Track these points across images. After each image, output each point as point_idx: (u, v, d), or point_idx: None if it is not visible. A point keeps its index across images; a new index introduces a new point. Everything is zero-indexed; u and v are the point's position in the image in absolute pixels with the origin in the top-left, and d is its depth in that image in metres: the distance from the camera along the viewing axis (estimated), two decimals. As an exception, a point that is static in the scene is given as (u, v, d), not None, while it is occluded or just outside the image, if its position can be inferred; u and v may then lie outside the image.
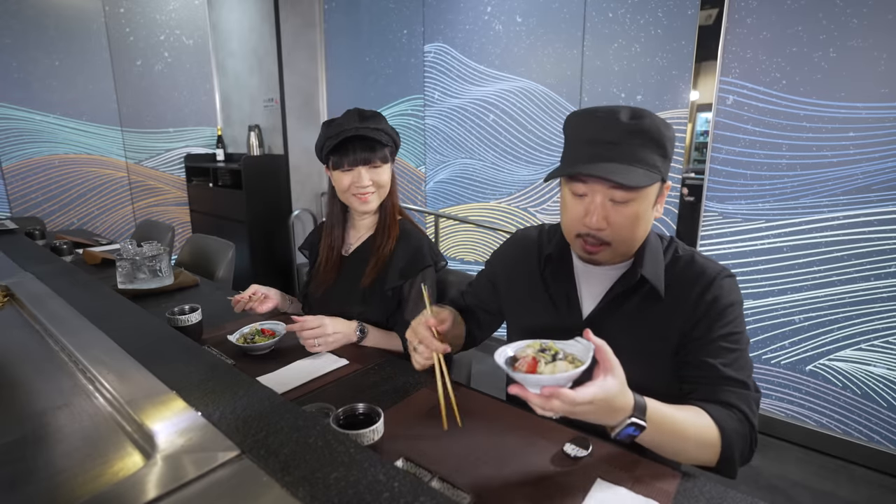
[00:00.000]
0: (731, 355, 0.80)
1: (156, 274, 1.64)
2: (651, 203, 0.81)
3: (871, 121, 1.70)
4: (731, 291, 0.83)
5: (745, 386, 0.78)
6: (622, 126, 0.76)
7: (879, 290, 1.78)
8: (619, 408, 0.65)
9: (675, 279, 0.86)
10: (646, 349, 0.85)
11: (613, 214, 0.80)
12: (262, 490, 0.47)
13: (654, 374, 0.84)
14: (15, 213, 3.11)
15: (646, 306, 0.86)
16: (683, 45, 2.02)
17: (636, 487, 0.70)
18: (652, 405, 0.69)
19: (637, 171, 0.76)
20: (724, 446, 0.73)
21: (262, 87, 3.58)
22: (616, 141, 0.77)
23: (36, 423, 0.67)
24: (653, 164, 0.77)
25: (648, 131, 0.76)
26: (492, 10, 2.59)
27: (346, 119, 1.25)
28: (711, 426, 0.74)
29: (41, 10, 3.07)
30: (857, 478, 1.84)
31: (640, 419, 0.66)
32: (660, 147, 0.77)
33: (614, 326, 0.87)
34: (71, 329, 0.89)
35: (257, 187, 3.44)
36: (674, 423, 0.71)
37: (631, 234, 0.81)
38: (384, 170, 1.27)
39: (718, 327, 0.81)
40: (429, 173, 3.09)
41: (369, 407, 0.75)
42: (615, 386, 0.64)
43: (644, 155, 0.76)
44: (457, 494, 0.68)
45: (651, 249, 0.87)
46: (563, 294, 0.94)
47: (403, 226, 1.33)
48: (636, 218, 0.80)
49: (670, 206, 2.16)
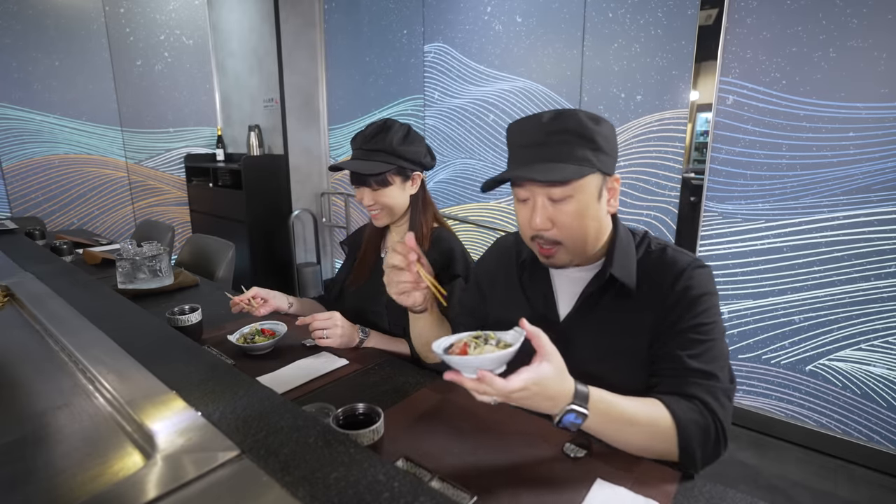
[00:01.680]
0: (700, 346, 0.79)
1: (156, 274, 1.64)
2: (594, 197, 0.81)
3: (871, 121, 1.70)
4: (702, 282, 0.82)
5: (712, 377, 0.77)
6: (544, 127, 0.79)
7: (879, 290, 1.78)
8: (557, 394, 0.66)
9: (648, 273, 0.86)
10: (621, 346, 0.85)
11: (556, 214, 0.80)
12: (262, 490, 0.47)
13: (631, 371, 0.84)
14: (15, 213, 3.11)
15: (619, 304, 0.86)
16: (683, 45, 2.02)
17: (636, 487, 0.70)
18: (597, 394, 0.69)
19: (565, 167, 0.77)
20: (680, 438, 0.72)
21: (262, 87, 3.58)
22: (542, 141, 0.79)
23: (36, 423, 0.67)
24: (582, 157, 0.78)
25: (570, 128, 0.78)
26: (492, 10, 2.59)
27: (361, 135, 1.27)
28: (665, 417, 0.73)
29: (41, 10, 3.07)
30: (856, 478, 1.84)
31: (580, 406, 0.67)
32: (588, 141, 0.78)
33: (590, 326, 0.88)
34: (71, 329, 0.89)
35: (257, 187, 3.44)
36: (622, 412, 0.71)
37: (580, 231, 0.82)
38: (385, 193, 1.25)
39: (688, 318, 0.80)
40: (429, 173, 3.09)
41: (369, 407, 0.75)
42: (549, 371, 0.64)
43: (570, 150, 0.78)
44: (457, 494, 0.68)
45: (621, 246, 0.87)
46: (539, 297, 0.94)
47: (440, 233, 1.33)
48: (579, 214, 0.80)
49: (670, 207, 2.16)
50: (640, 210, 2.25)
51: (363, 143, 1.24)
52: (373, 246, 1.40)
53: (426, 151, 1.29)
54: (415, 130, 1.29)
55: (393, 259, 0.89)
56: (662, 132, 2.13)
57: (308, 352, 1.18)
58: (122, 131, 3.47)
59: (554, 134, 0.78)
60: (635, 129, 2.20)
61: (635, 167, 2.23)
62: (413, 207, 1.31)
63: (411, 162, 1.26)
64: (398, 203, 1.28)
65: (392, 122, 1.26)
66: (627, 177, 2.26)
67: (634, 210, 2.27)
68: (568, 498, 0.68)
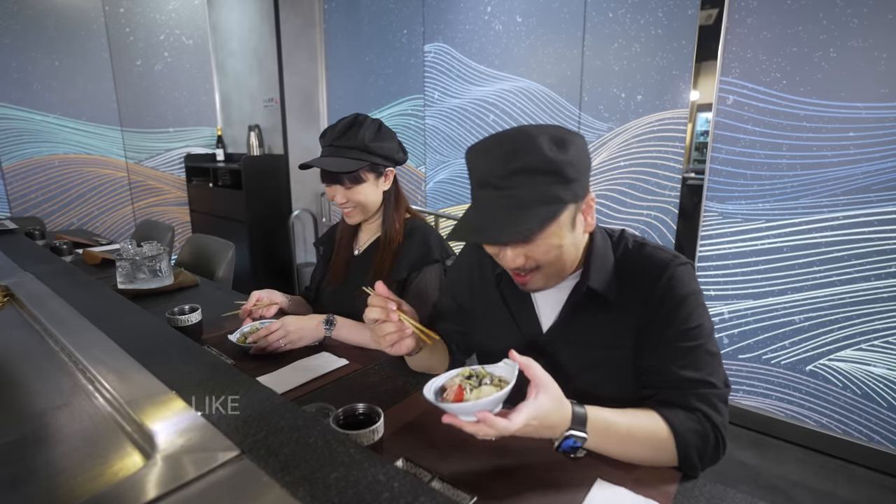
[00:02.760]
0: (689, 355, 0.76)
1: (156, 274, 1.64)
2: (567, 228, 0.75)
3: (871, 121, 1.70)
4: (684, 281, 0.78)
5: (705, 384, 0.75)
6: (501, 168, 0.71)
7: (880, 291, 1.78)
8: (556, 423, 0.66)
9: (626, 276, 0.82)
10: (606, 357, 0.84)
11: (529, 251, 0.75)
12: (262, 490, 0.47)
13: (620, 378, 0.83)
14: (15, 213, 3.11)
15: (600, 314, 0.83)
16: (683, 45, 2.02)
17: (636, 487, 0.70)
18: (594, 414, 0.69)
19: (532, 213, 0.70)
20: (679, 448, 0.72)
21: (262, 87, 3.58)
22: (501, 185, 0.72)
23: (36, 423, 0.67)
24: (551, 196, 0.71)
25: (530, 167, 0.70)
26: (492, 10, 2.59)
27: (331, 131, 1.24)
28: (663, 429, 0.73)
29: (41, 10, 3.07)
30: (857, 478, 1.84)
31: (578, 430, 0.67)
32: (554, 174, 0.70)
33: (574, 336, 0.86)
34: (71, 329, 0.89)
35: (257, 187, 3.44)
36: (620, 429, 0.71)
37: (556, 259, 0.77)
38: (358, 190, 1.23)
39: (675, 324, 0.77)
40: (429, 173, 3.09)
41: (369, 407, 0.75)
42: (547, 403, 0.64)
43: (533, 193, 0.70)
44: (457, 495, 0.68)
45: (597, 256, 0.82)
46: (521, 310, 0.91)
47: (413, 223, 1.32)
48: (554, 248, 0.75)
49: (670, 207, 2.16)
50: (640, 210, 2.25)
51: (334, 140, 1.22)
52: (345, 244, 1.39)
53: (398, 147, 1.27)
54: (386, 125, 1.26)
55: (371, 314, 0.84)
56: (662, 132, 2.13)
57: (308, 352, 1.18)
58: (121, 131, 3.47)
59: (514, 175, 0.71)
60: (635, 129, 2.20)
61: (635, 167, 2.23)
62: (386, 204, 1.30)
63: (384, 158, 1.23)
64: (371, 200, 1.26)
65: (363, 116, 1.23)
66: (627, 177, 2.26)
67: (634, 210, 2.27)
68: (568, 498, 0.68)
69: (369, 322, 0.87)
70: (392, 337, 0.85)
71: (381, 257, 1.28)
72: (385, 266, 1.27)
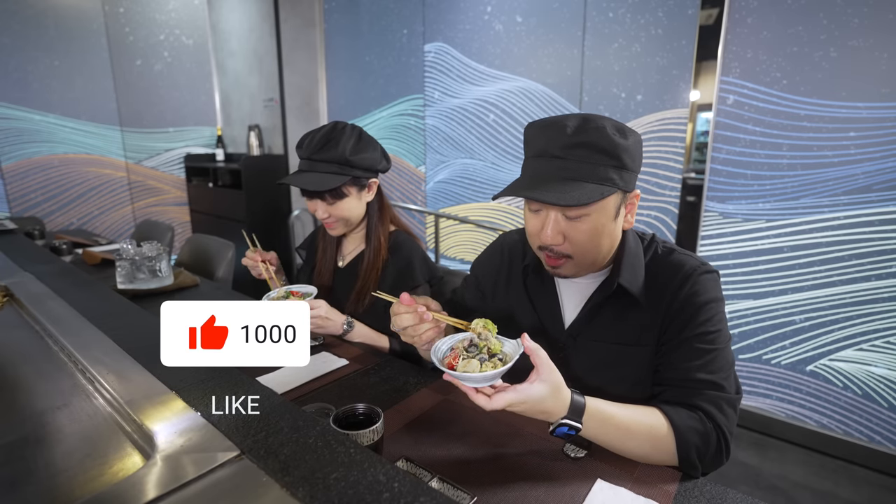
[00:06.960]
0: (705, 356, 0.77)
1: (155, 274, 1.64)
2: (611, 216, 0.77)
3: (871, 120, 1.70)
4: (708, 288, 0.80)
5: (716, 387, 0.76)
6: (565, 139, 0.73)
7: (880, 291, 1.78)
8: (551, 409, 0.67)
9: (654, 279, 0.84)
10: (627, 355, 0.84)
11: (569, 230, 0.77)
12: (262, 490, 0.47)
13: (637, 378, 0.84)
14: (14, 213, 3.11)
15: (626, 313, 0.84)
16: (684, 45, 2.02)
17: (636, 487, 0.70)
18: (593, 404, 0.70)
19: (583, 187, 0.72)
20: (679, 446, 0.72)
21: (262, 86, 3.58)
22: (560, 155, 0.74)
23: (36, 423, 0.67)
24: (604, 176, 0.73)
25: (593, 143, 0.72)
26: (492, 10, 2.59)
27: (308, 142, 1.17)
28: (663, 425, 0.73)
29: (41, 10, 3.07)
30: (857, 478, 1.84)
31: (573, 420, 0.68)
32: (612, 157, 0.73)
33: (595, 334, 0.86)
34: (71, 329, 0.89)
35: (257, 187, 3.44)
36: (619, 423, 0.72)
37: (593, 247, 0.79)
38: (340, 206, 1.19)
39: (693, 326, 0.78)
40: (429, 173, 3.09)
41: (369, 407, 0.75)
42: (541, 390, 0.65)
43: (591, 168, 0.73)
44: (457, 494, 0.68)
45: (629, 255, 0.84)
46: (545, 304, 0.92)
47: (397, 238, 1.28)
48: (594, 233, 0.77)
49: (670, 207, 2.16)
50: (640, 210, 2.25)
51: (312, 153, 1.16)
52: (329, 255, 1.36)
53: (381, 156, 1.22)
54: (367, 133, 1.21)
55: (403, 322, 0.81)
56: (663, 132, 2.13)
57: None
58: (121, 131, 3.47)
59: (576, 147, 0.73)
60: (636, 129, 2.20)
61: (635, 167, 2.23)
62: (370, 215, 1.26)
63: (366, 170, 1.18)
64: (355, 214, 1.23)
65: (342, 125, 1.18)
66: (628, 177, 2.26)
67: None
68: (568, 498, 0.68)
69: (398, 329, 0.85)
70: (429, 334, 0.84)
71: (366, 272, 1.25)
72: (370, 280, 1.24)
